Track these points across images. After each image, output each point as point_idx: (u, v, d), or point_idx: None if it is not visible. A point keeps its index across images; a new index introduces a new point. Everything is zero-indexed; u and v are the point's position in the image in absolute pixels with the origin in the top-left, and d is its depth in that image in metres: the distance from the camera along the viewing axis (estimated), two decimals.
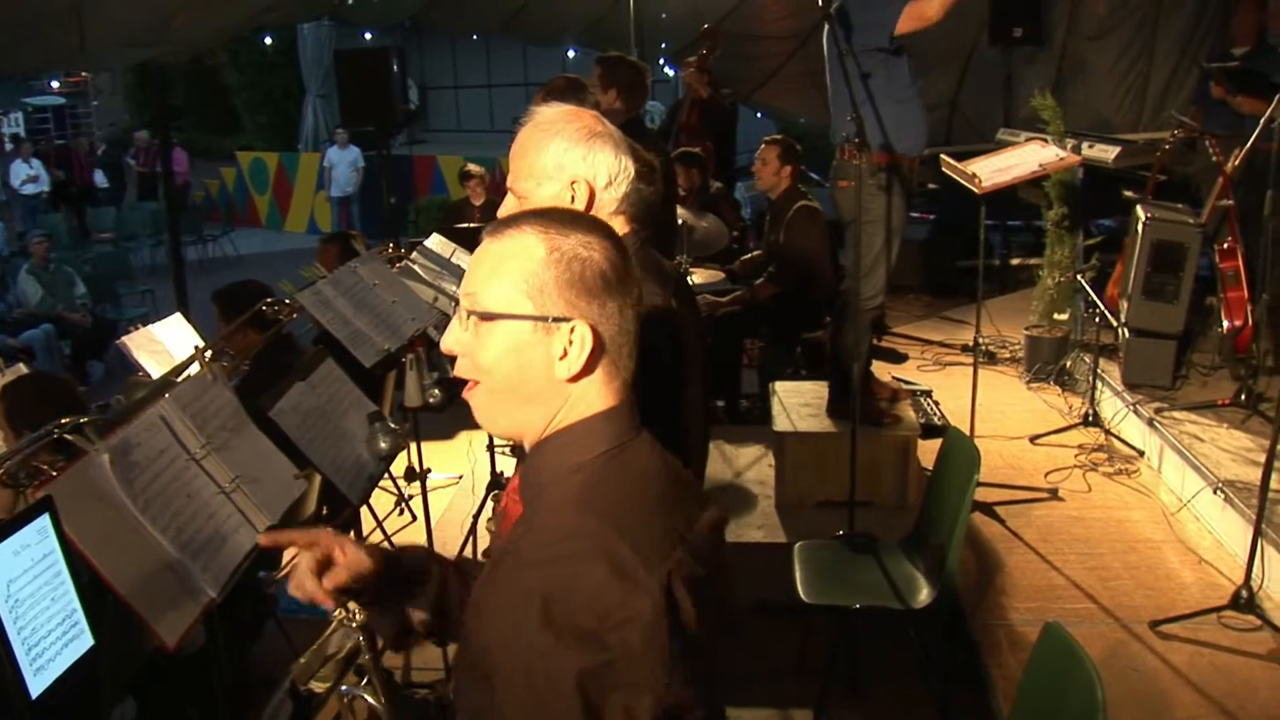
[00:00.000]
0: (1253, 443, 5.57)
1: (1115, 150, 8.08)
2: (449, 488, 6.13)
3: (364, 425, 3.63)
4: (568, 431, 1.63)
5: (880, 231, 5.31)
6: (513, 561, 1.56)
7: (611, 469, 1.60)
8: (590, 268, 1.59)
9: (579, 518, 1.53)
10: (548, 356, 1.59)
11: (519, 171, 2.31)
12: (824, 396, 5.83)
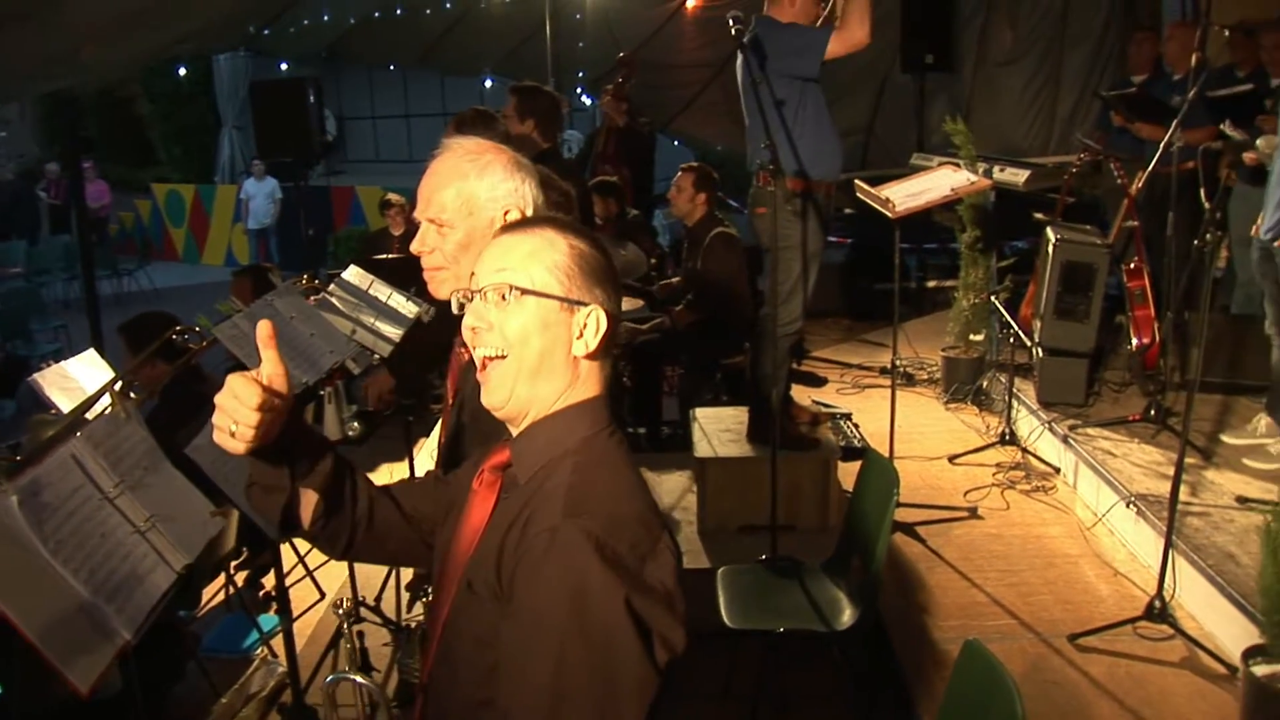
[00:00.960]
0: (1163, 456, 5.69)
1: (1025, 174, 8.26)
2: None
3: None
4: (571, 410, 1.81)
5: (797, 257, 5.36)
6: (555, 511, 1.66)
7: (611, 446, 1.80)
8: (601, 264, 1.83)
9: (609, 478, 1.73)
10: (568, 336, 1.79)
11: (443, 202, 2.34)
12: (744, 422, 5.86)
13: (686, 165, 7.19)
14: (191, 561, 2.76)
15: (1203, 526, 4.95)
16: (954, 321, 7.82)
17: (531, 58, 12.12)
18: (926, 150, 9.96)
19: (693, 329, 6.94)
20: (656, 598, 1.62)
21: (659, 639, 1.61)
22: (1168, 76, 7.86)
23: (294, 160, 11.32)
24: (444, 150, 2.41)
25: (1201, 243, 4.59)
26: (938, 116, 8.81)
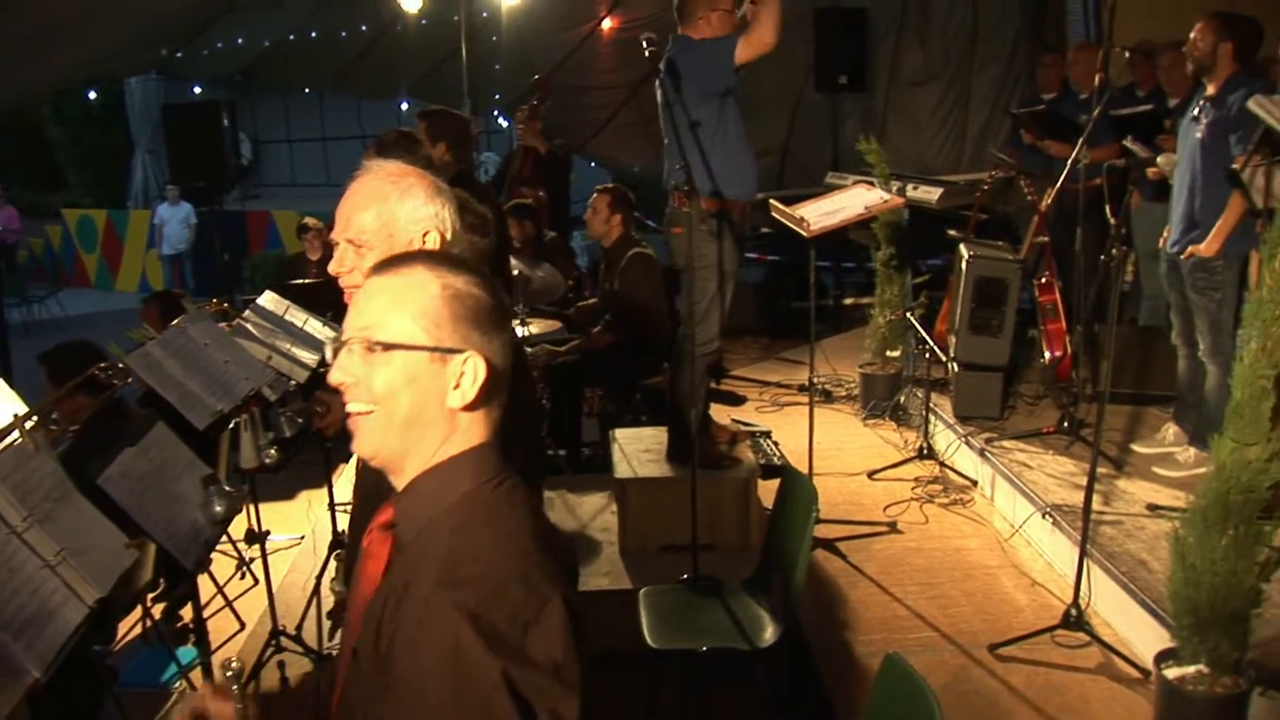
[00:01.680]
0: (1076, 467, 5.79)
1: (938, 191, 8.37)
2: (290, 549, 6.00)
3: (198, 489, 3.55)
4: (450, 464, 1.70)
5: (713, 276, 5.39)
6: (429, 584, 1.56)
7: (499, 497, 1.68)
8: (481, 304, 1.70)
9: (488, 539, 1.61)
10: (442, 386, 1.67)
11: (363, 224, 2.35)
12: (664, 442, 5.87)
13: (602, 187, 7.20)
14: (104, 595, 2.72)
15: (1116, 535, 5.04)
16: (871, 338, 7.89)
17: (448, 80, 12.11)
18: (841, 169, 10.07)
19: (611, 350, 6.94)
20: (540, 670, 1.52)
21: (546, 713, 1.51)
22: (1075, 95, 8.02)
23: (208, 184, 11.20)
24: (364, 172, 2.42)
25: (1108, 257, 4.67)
26: (852, 135, 8.92)
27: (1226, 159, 5.18)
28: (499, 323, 1.73)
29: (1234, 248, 5.34)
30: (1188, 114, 5.67)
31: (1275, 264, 3.66)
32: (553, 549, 1.66)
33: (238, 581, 5.66)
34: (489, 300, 1.72)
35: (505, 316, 1.76)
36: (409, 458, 1.70)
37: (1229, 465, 3.72)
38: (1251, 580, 3.71)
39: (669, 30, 5.50)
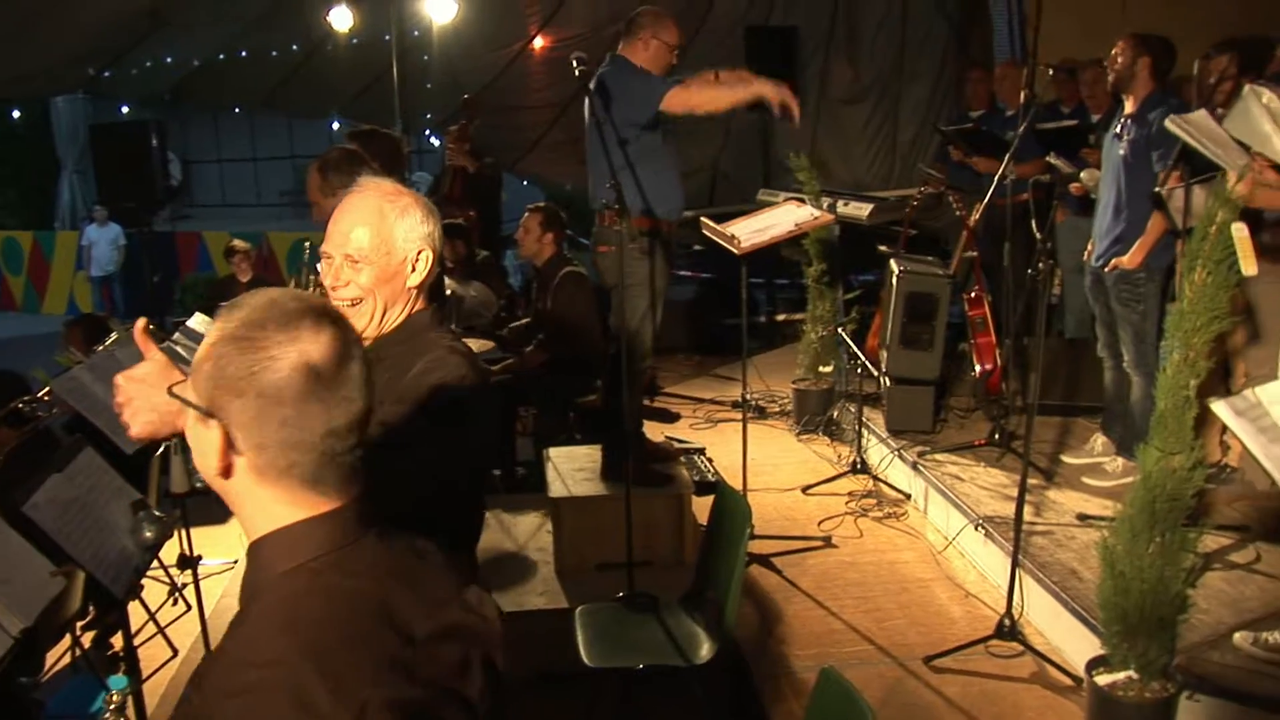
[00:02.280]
0: (1007, 479, 5.85)
1: (869, 207, 8.44)
2: (224, 573, 5.92)
3: (127, 515, 3.49)
4: (278, 534, 1.53)
5: (644, 295, 5.40)
6: (213, 683, 1.46)
7: (320, 582, 1.50)
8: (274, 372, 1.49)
9: (273, 642, 1.45)
10: (214, 447, 1.52)
11: (360, 241, 2.40)
12: (598, 460, 5.86)
13: (533, 206, 7.21)
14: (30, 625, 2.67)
15: (1047, 545, 5.09)
16: (803, 354, 7.93)
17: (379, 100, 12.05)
18: (773, 186, 10.12)
19: (544, 369, 6.93)
20: None
21: None
22: (1001, 112, 8.14)
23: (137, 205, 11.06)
24: (360, 189, 2.47)
25: (1034, 272, 4.74)
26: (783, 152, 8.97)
27: (1149, 175, 5.27)
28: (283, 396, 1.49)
29: (1157, 260, 5.44)
30: (1110, 130, 5.78)
31: (1195, 277, 3.72)
32: (368, 641, 1.46)
33: (170, 608, 5.57)
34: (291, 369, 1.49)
35: (320, 384, 1.50)
36: (243, 524, 1.57)
37: (1155, 474, 3.78)
38: (1178, 586, 3.76)
39: (599, 49, 5.53)
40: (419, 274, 2.46)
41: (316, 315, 1.54)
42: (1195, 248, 3.76)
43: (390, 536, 1.60)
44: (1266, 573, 4.76)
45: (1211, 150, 4.20)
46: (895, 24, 12.13)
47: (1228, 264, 3.70)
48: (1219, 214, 3.71)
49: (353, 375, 1.53)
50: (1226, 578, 4.73)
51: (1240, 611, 4.41)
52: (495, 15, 11.73)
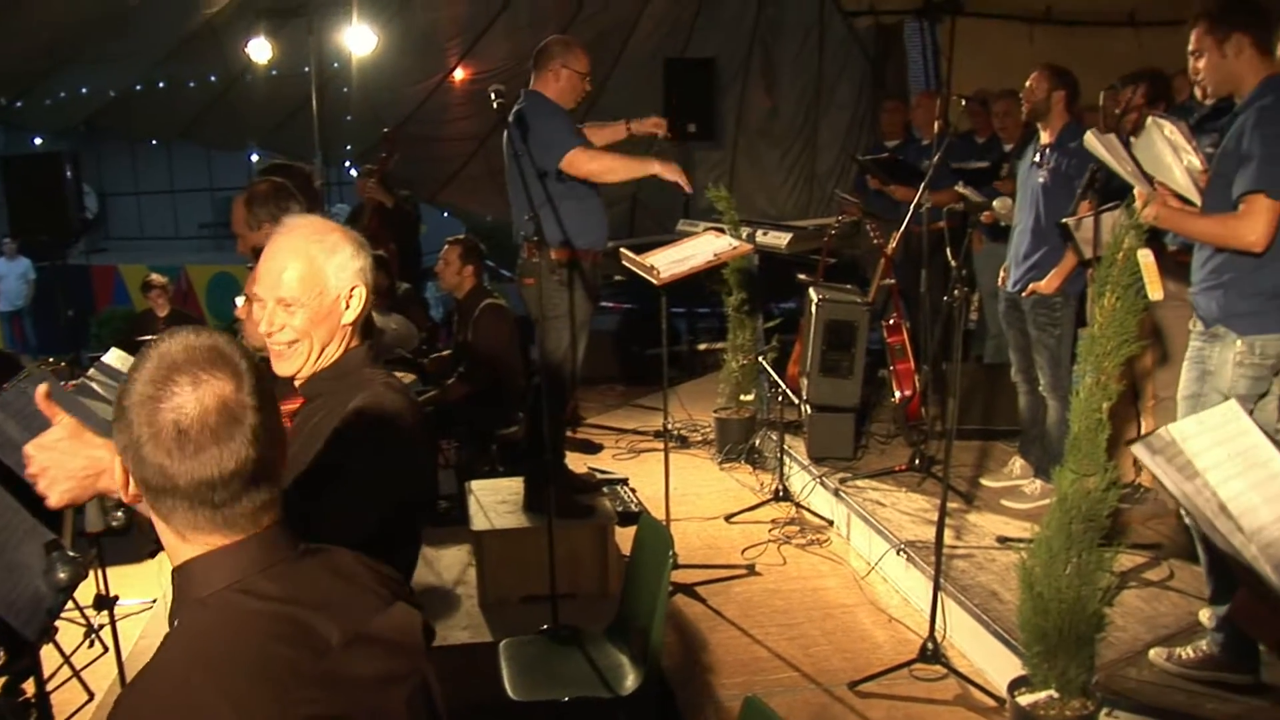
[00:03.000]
0: (928, 503, 5.91)
1: (787, 236, 8.51)
2: (142, 614, 5.81)
3: (40, 556, 3.42)
4: (197, 561, 1.58)
5: (566, 326, 5.40)
6: (126, 705, 1.49)
7: (230, 611, 1.54)
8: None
9: (186, 673, 1.48)
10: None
11: (291, 283, 2.37)
12: (520, 492, 5.84)
13: (452, 239, 7.20)
14: None
15: (968, 568, 5.15)
16: (725, 383, 7.96)
17: (298, 131, 11.95)
18: (692, 216, 10.18)
19: (466, 401, 6.90)
20: None
21: None
22: (917, 141, 8.28)
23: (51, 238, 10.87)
24: (287, 229, 2.43)
25: (950, 298, 4.80)
26: (702, 183, 9.04)
27: (1068, 202, 5.36)
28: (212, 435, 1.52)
29: (1073, 286, 5.56)
30: (1026, 159, 5.89)
31: (1104, 302, 3.80)
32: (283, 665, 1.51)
33: (86, 650, 5.45)
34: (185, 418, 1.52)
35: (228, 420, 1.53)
36: (170, 549, 1.61)
37: (1070, 496, 3.84)
38: (1095, 605, 3.82)
39: (520, 81, 5.54)
40: (353, 311, 2.44)
41: (202, 367, 1.54)
42: (1104, 274, 3.84)
43: (315, 556, 1.66)
44: (1180, 589, 4.85)
45: (1124, 170, 4.30)
46: (812, 56, 12.28)
47: (1135, 289, 3.78)
48: (1126, 241, 3.79)
49: (242, 427, 1.53)
50: (1142, 595, 4.81)
51: (1155, 628, 4.49)
52: (416, 47, 11.70)
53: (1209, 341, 4.09)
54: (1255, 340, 3.94)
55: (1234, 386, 3.97)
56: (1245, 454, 2.06)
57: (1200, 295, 4.13)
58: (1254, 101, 3.95)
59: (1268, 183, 3.80)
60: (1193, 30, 4.09)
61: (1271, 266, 3.89)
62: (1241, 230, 3.88)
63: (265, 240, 2.46)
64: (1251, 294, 3.94)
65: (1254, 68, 3.98)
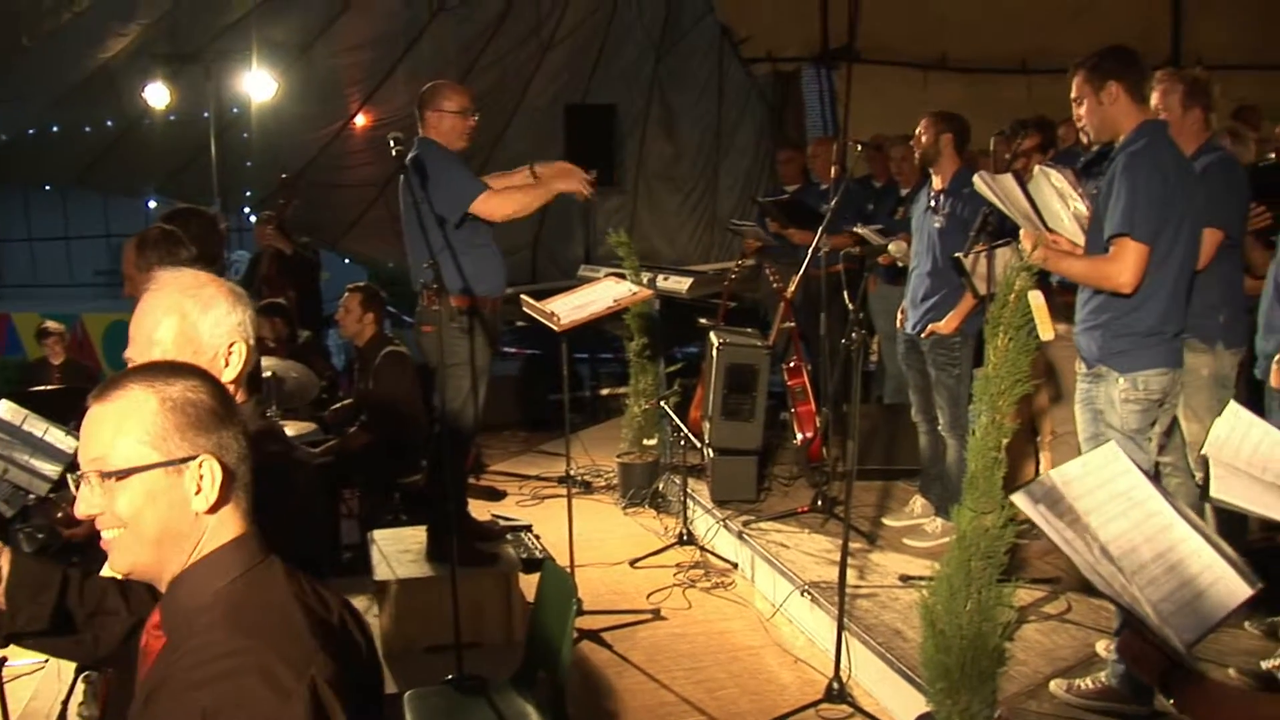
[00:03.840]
0: (831, 544, 5.94)
1: (688, 281, 8.57)
2: (33, 674, 5.63)
3: None
4: (206, 561, 1.77)
5: (466, 373, 5.37)
6: (175, 686, 1.66)
7: (253, 589, 1.76)
8: (201, 407, 1.77)
9: (232, 638, 1.68)
10: (184, 496, 1.74)
11: (164, 341, 2.30)
12: (424, 541, 5.78)
13: (353, 286, 7.15)
14: None
15: (871, 607, 5.19)
16: (627, 427, 7.97)
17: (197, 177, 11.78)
18: (594, 261, 10.24)
19: (368, 450, 6.82)
20: None
21: None
22: (816, 186, 8.38)
23: None
24: (158, 286, 2.35)
25: (848, 341, 4.87)
26: (604, 228, 9.08)
27: (964, 245, 5.46)
28: (224, 418, 1.80)
29: (971, 326, 5.65)
30: (921, 203, 6.01)
31: (998, 342, 3.88)
32: (301, 631, 1.73)
33: None
34: (208, 400, 1.78)
35: (230, 410, 1.82)
36: (165, 565, 1.77)
37: (969, 534, 3.90)
38: (996, 640, 3.87)
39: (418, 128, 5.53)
40: (234, 368, 2.36)
41: (189, 368, 1.86)
42: (997, 315, 3.92)
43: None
44: (1077, 622, 4.94)
45: (1012, 211, 4.41)
46: (712, 102, 12.43)
47: (1027, 330, 3.87)
48: (1017, 283, 3.88)
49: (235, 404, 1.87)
50: (1041, 629, 4.89)
51: (1055, 660, 4.57)
52: (316, 94, 11.63)
53: (1094, 381, 4.21)
54: (1137, 376, 4.07)
55: (1125, 422, 4.09)
56: (1126, 494, 2.11)
57: (1081, 336, 4.26)
58: (1126, 147, 4.11)
59: (1132, 226, 3.95)
60: (1073, 78, 4.24)
61: (1146, 307, 4.04)
62: (1112, 272, 4.01)
63: None
64: (1127, 334, 4.08)
65: (1129, 114, 4.14)
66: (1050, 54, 10.73)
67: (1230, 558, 2.06)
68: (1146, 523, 2.07)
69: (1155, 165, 4.01)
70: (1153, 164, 4.01)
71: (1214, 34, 11.15)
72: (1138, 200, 3.95)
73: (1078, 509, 2.04)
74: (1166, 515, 2.09)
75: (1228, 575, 2.01)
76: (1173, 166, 4.07)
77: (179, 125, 12.01)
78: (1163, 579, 1.97)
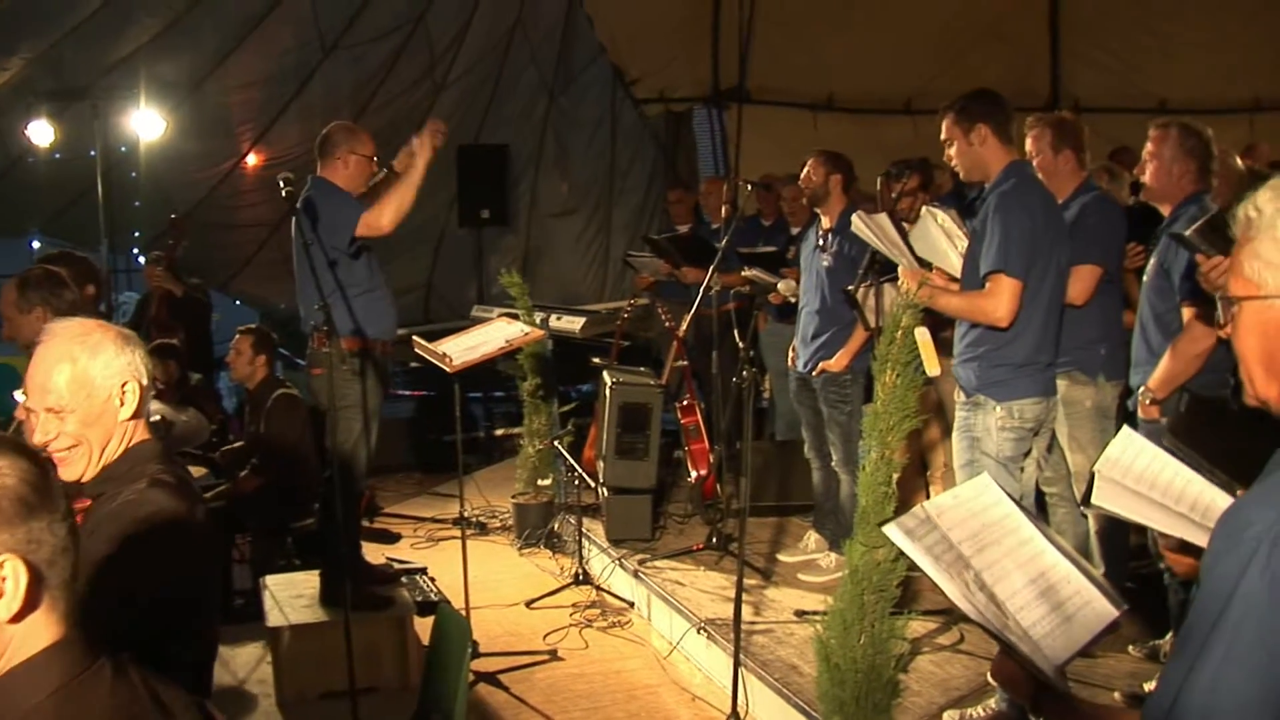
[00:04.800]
0: (726, 581, 5.97)
1: (581, 320, 8.60)
2: None
3: None
4: (12, 675, 1.50)
5: (358, 415, 5.33)
6: None
7: (70, 706, 1.49)
8: (6, 495, 1.47)
9: None
10: (21, 588, 1.47)
11: (59, 389, 2.38)
12: (317, 585, 5.71)
13: (244, 328, 7.07)
14: None
15: (768, 643, 5.22)
16: (522, 468, 7.94)
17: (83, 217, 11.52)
18: (487, 302, 10.21)
19: (259, 494, 6.72)
20: None
21: None
22: (707, 225, 8.47)
23: None
24: (48, 336, 2.44)
25: (739, 379, 4.92)
26: (497, 268, 9.07)
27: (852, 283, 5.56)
28: (36, 506, 1.50)
29: (861, 362, 5.75)
30: (809, 242, 6.11)
31: (885, 379, 3.96)
32: None
33: None
34: (18, 486, 1.48)
35: (46, 494, 1.52)
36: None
37: (861, 568, 3.96)
38: (890, 673, 3.94)
39: (312, 167, 5.50)
40: (129, 407, 2.46)
41: None
42: (884, 352, 4.01)
43: (120, 664, 1.59)
44: (970, 651, 5.02)
45: (889, 250, 4.51)
46: (605, 142, 12.50)
47: (914, 366, 3.96)
48: (903, 320, 3.96)
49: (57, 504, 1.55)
50: (935, 659, 4.97)
51: (948, 690, 4.64)
52: (207, 132, 11.45)
53: (972, 410, 4.33)
54: (1013, 405, 4.20)
55: (1001, 450, 4.21)
56: (999, 523, 2.16)
57: (960, 367, 4.38)
58: (997, 186, 4.26)
59: (1006, 262, 4.09)
60: (943, 120, 4.37)
61: (1021, 339, 4.19)
62: (988, 307, 4.15)
63: (33, 325, 2.48)
64: (1002, 364, 4.22)
65: (997, 155, 4.29)
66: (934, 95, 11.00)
67: (1098, 581, 2.12)
68: (1018, 550, 2.12)
69: (1024, 205, 4.17)
70: (1022, 203, 4.17)
71: (1091, 78, 11.53)
72: (1010, 238, 4.09)
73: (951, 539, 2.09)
74: (1037, 542, 2.15)
75: (1095, 599, 2.08)
76: (1040, 205, 4.24)
77: (64, 164, 11.75)
78: (1034, 604, 2.03)
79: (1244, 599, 1.43)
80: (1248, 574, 1.43)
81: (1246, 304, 1.62)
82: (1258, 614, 1.42)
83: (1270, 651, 1.41)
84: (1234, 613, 1.43)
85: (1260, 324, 1.61)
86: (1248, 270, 1.62)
